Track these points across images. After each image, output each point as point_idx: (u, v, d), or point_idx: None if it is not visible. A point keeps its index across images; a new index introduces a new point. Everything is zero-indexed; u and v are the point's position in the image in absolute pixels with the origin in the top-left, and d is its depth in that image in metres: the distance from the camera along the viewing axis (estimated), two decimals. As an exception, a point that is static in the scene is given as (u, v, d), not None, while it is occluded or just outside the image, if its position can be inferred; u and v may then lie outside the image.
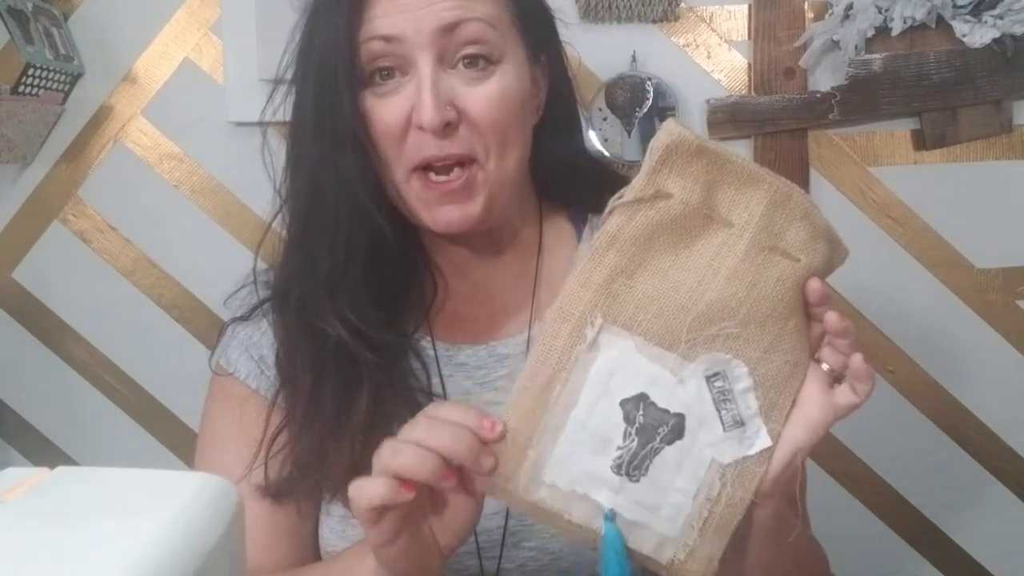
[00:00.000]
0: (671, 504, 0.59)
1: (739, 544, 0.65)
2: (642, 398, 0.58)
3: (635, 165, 1.24)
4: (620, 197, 0.61)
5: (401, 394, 0.79)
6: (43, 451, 1.41)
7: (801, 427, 0.61)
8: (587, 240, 0.61)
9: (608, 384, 0.59)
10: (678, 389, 0.59)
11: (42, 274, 1.40)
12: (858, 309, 1.39)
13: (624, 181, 0.64)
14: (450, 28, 0.74)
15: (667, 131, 0.60)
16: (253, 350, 0.84)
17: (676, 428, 0.59)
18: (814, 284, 0.62)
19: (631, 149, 1.34)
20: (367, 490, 0.60)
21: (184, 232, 1.38)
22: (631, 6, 1.32)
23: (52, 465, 0.46)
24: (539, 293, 0.85)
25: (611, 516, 0.58)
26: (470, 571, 0.80)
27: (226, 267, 0.90)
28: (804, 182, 1.36)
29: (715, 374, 0.59)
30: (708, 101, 1.34)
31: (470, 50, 0.75)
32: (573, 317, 0.59)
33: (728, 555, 0.63)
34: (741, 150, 1.36)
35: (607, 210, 0.61)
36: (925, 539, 1.44)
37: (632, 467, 0.58)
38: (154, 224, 1.39)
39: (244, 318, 0.86)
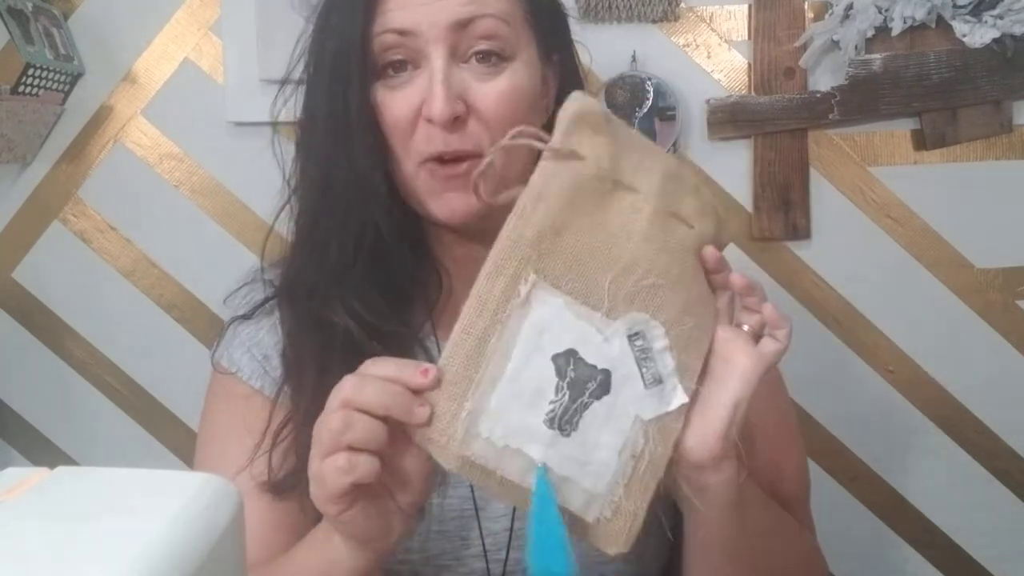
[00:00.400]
0: (599, 460, 0.60)
1: (708, 535, 0.68)
2: (572, 354, 0.60)
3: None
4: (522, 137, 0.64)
5: None
6: (43, 451, 1.41)
7: (736, 381, 0.63)
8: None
9: (540, 340, 0.60)
10: (604, 346, 0.60)
11: (42, 274, 1.40)
12: (858, 309, 1.39)
13: None
14: (464, 23, 0.74)
15: (575, 99, 0.64)
16: (256, 350, 0.84)
17: (603, 384, 0.60)
18: (709, 251, 0.64)
19: (631, 149, 1.34)
20: (340, 473, 0.58)
21: (184, 232, 1.38)
22: (631, 6, 1.32)
23: (52, 465, 0.46)
24: None
25: (543, 471, 0.59)
26: (476, 573, 0.80)
27: (226, 267, 0.90)
28: (804, 182, 1.36)
29: (636, 333, 0.61)
30: (708, 101, 1.34)
31: (483, 46, 0.75)
32: (507, 272, 0.61)
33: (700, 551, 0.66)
34: (741, 150, 1.36)
35: (509, 137, 0.63)
36: (925, 539, 1.44)
37: (564, 421, 0.59)
38: (154, 224, 1.39)
39: (247, 316, 0.86)
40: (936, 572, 1.44)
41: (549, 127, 0.84)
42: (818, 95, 1.33)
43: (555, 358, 0.60)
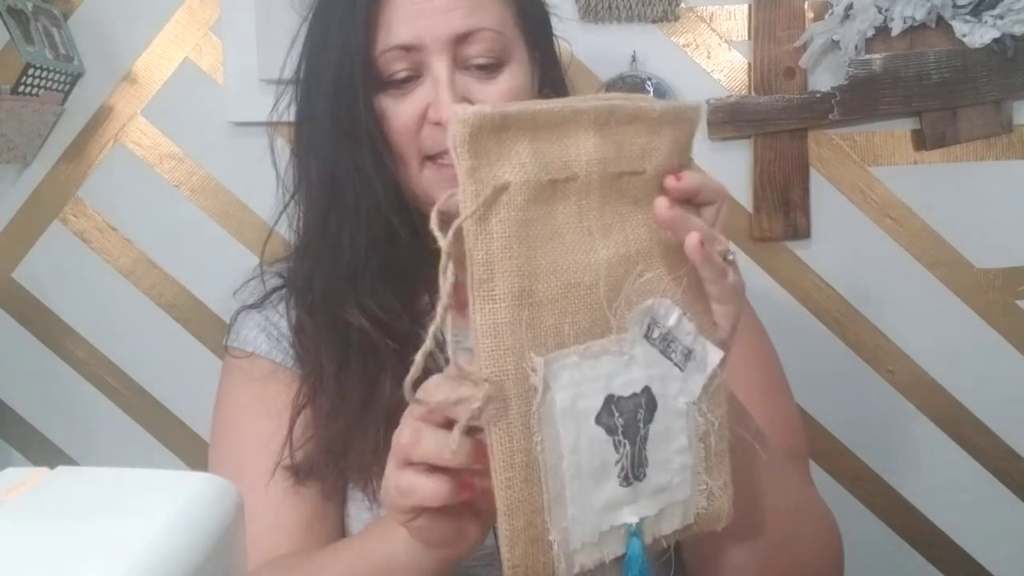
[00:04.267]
0: (677, 469, 0.57)
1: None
2: (609, 400, 0.54)
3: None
4: (450, 205, 0.52)
5: (421, 380, 0.80)
6: (43, 451, 1.41)
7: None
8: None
9: (577, 413, 0.53)
10: (631, 366, 0.55)
11: (42, 274, 1.40)
12: (858, 309, 1.39)
13: None
14: (463, 37, 0.77)
15: (460, 121, 0.51)
16: (272, 330, 0.86)
17: (649, 403, 0.55)
18: (659, 210, 0.56)
19: (631, 149, 1.34)
20: (401, 495, 0.55)
21: (184, 232, 1.38)
22: (631, 6, 1.32)
23: (52, 465, 0.46)
24: None
25: (637, 531, 0.55)
26: (486, 548, 0.77)
27: (226, 267, 0.90)
28: (804, 182, 1.36)
29: (648, 326, 0.56)
30: (708, 101, 1.34)
31: (481, 61, 0.79)
32: (510, 373, 0.52)
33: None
34: (741, 150, 1.36)
35: (438, 223, 0.51)
36: (925, 539, 1.44)
37: (635, 468, 0.55)
38: (154, 224, 1.39)
39: (255, 306, 0.88)
40: (936, 572, 1.44)
41: None
42: (818, 95, 1.33)
43: (598, 419, 0.54)
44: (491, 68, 0.79)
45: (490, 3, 0.79)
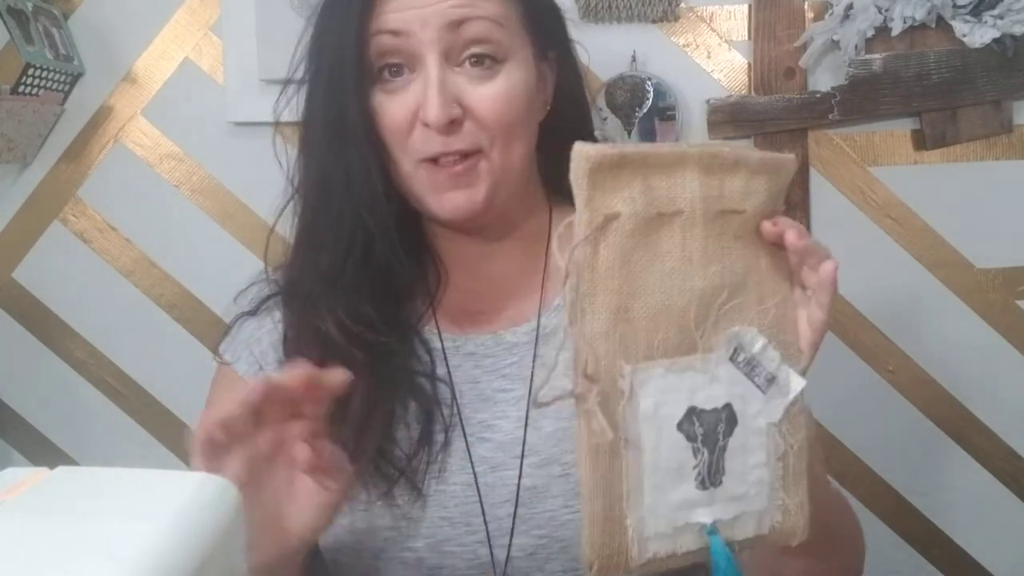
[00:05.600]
0: (755, 482, 0.62)
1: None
2: (691, 411, 0.60)
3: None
4: (569, 230, 0.59)
5: (402, 386, 0.81)
6: (43, 451, 1.41)
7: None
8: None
9: (659, 418, 0.59)
10: (715, 384, 0.61)
11: (42, 274, 1.40)
12: (858, 309, 1.39)
13: None
14: (456, 25, 0.76)
15: (583, 156, 0.57)
16: (256, 347, 0.86)
17: (729, 418, 0.61)
18: (764, 227, 0.62)
19: (631, 149, 1.34)
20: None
21: (184, 232, 1.38)
22: (631, 6, 1.32)
23: (52, 465, 0.46)
24: (547, 283, 0.87)
25: (713, 530, 0.60)
26: (480, 559, 0.80)
27: (226, 267, 0.91)
28: (804, 182, 1.36)
29: (734, 350, 0.61)
30: (708, 101, 1.34)
31: (476, 49, 0.77)
32: (599, 377, 0.58)
33: None
34: (741, 150, 1.36)
35: (559, 244, 0.58)
36: (925, 539, 1.44)
37: (712, 475, 0.61)
38: (154, 224, 1.39)
39: (252, 312, 0.88)
40: (937, 572, 1.44)
41: (552, 122, 0.85)
42: (818, 95, 1.33)
43: (679, 426, 0.60)
44: (486, 65, 0.77)
45: None
